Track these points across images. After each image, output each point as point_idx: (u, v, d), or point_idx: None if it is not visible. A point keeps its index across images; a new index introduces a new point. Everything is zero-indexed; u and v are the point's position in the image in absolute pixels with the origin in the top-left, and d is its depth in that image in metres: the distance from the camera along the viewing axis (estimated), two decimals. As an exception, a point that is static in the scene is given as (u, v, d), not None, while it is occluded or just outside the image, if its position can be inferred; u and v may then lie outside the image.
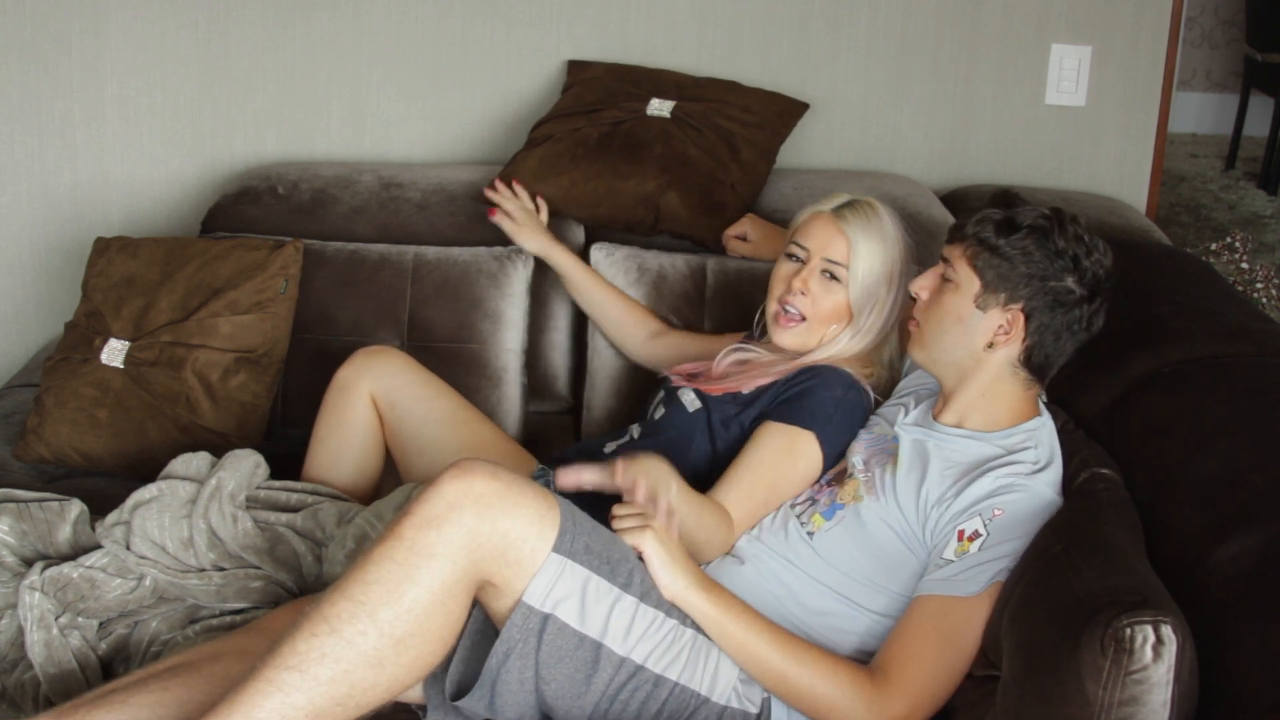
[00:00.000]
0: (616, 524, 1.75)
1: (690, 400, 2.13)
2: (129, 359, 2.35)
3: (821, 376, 2.05)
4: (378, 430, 2.24)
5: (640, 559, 1.76)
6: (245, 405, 2.34)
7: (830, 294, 2.07)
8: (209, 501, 2.02)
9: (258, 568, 2.00)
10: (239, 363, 2.35)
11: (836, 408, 2.02)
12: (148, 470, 2.33)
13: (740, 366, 2.14)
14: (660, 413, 2.17)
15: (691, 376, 2.18)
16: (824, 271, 2.07)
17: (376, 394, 2.23)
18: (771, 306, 2.12)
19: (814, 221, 2.10)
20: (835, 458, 2.02)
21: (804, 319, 2.08)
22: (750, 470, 1.99)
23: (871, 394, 2.08)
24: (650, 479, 1.77)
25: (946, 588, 1.75)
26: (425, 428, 2.22)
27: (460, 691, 1.71)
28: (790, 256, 2.11)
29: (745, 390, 2.08)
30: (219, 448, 2.20)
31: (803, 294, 2.07)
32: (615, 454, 2.15)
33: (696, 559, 1.88)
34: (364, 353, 2.26)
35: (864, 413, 2.06)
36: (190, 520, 2.00)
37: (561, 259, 2.49)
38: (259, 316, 2.37)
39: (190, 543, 1.99)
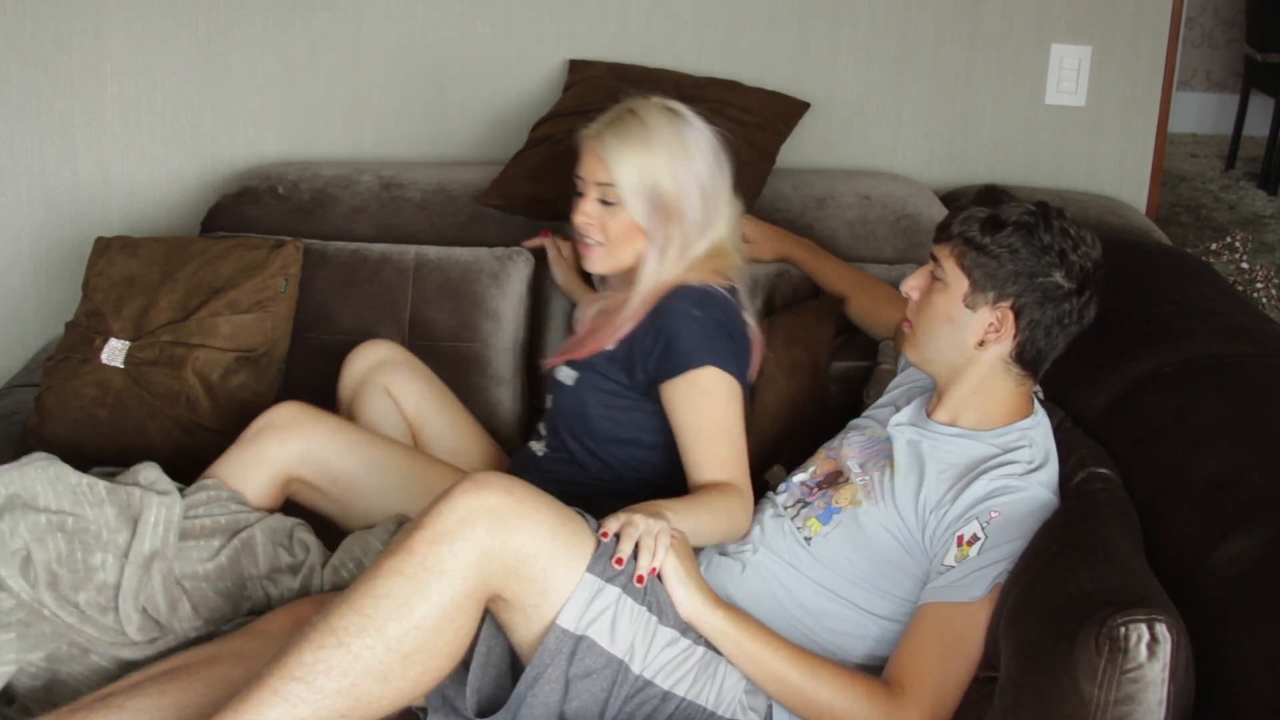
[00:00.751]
0: (639, 543, 1.72)
1: (566, 375, 2.14)
2: (129, 359, 2.35)
3: (668, 312, 2.04)
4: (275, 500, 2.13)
5: (657, 579, 1.75)
6: (246, 404, 2.34)
7: (613, 216, 2.08)
8: (138, 586, 1.91)
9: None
10: (240, 362, 2.35)
11: (703, 328, 2.02)
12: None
13: (603, 319, 2.14)
14: (549, 401, 2.19)
15: (562, 352, 2.19)
16: (598, 198, 2.09)
17: (298, 469, 2.10)
18: (577, 238, 2.15)
19: (582, 149, 2.12)
20: (743, 372, 2.05)
21: (601, 243, 2.10)
22: (698, 437, 1.99)
23: (723, 290, 2.07)
24: (641, 532, 1.73)
25: (948, 594, 1.75)
26: (376, 482, 2.13)
27: (481, 710, 1.70)
28: (577, 191, 2.13)
29: (610, 345, 2.09)
30: (219, 447, 2.19)
31: (589, 222, 2.09)
32: (545, 457, 2.18)
33: (732, 538, 1.91)
34: (289, 416, 2.10)
35: (730, 307, 2.06)
36: (118, 605, 1.90)
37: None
38: (259, 316, 2.37)
39: (111, 608, 1.90)
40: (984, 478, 1.81)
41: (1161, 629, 1.49)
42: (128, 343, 2.36)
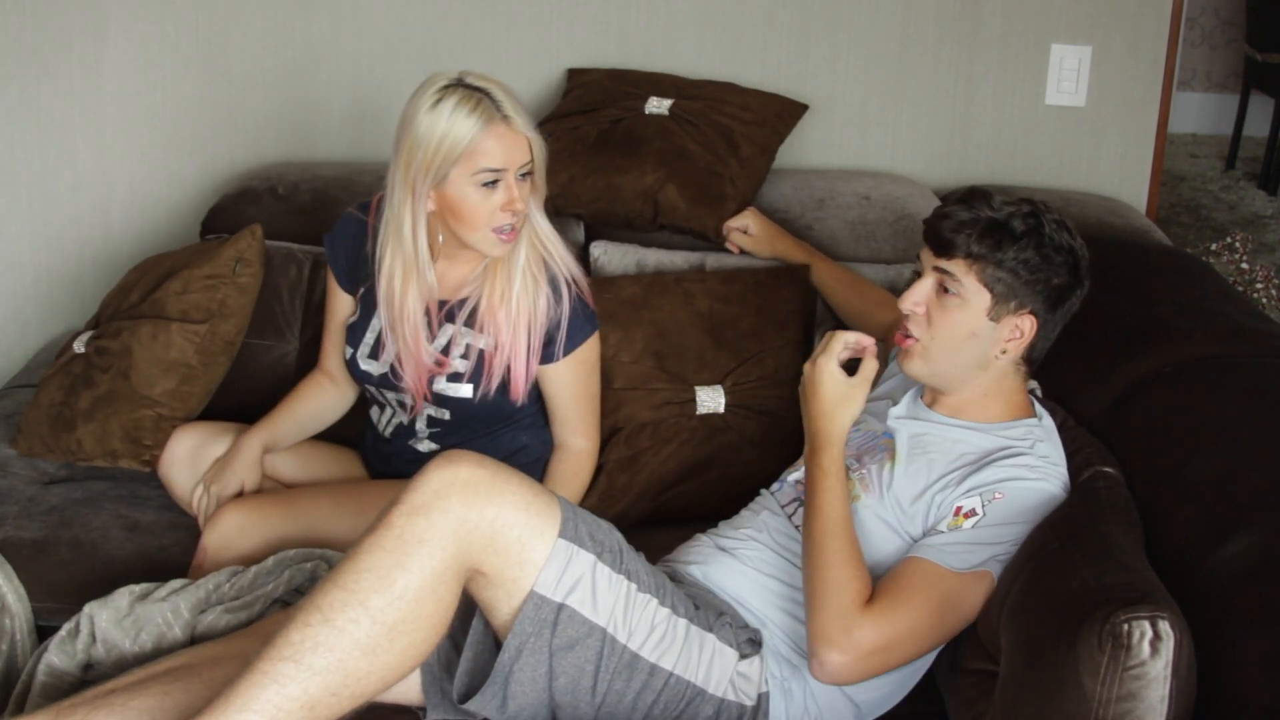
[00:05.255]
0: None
1: (454, 389, 2.14)
2: (88, 344, 2.36)
3: (560, 300, 2.13)
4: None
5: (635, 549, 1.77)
6: (183, 375, 2.30)
7: (526, 191, 2.07)
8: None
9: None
10: (180, 330, 2.31)
11: (579, 311, 2.15)
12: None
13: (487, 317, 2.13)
14: (429, 414, 2.18)
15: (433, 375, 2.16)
16: (520, 178, 2.05)
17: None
18: (479, 233, 2.05)
19: (491, 139, 2.00)
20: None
21: (516, 229, 2.08)
22: (576, 398, 2.19)
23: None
24: None
25: (935, 554, 1.77)
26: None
27: (469, 694, 1.72)
28: (489, 184, 2.02)
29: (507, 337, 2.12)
30: (152, 417, 2.23)
31: (522, 209, 2.06)
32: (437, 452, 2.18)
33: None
34: (225, 537, 2.09)
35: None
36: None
37: None
38: (206, 294, 2.33)
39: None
40: (995, 466, 1.82)
41: (1165, 626, 1.50)
42: (90, 332, 2.38)
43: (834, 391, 1.87)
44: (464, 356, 2.14)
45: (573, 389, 2.20)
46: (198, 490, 2.19)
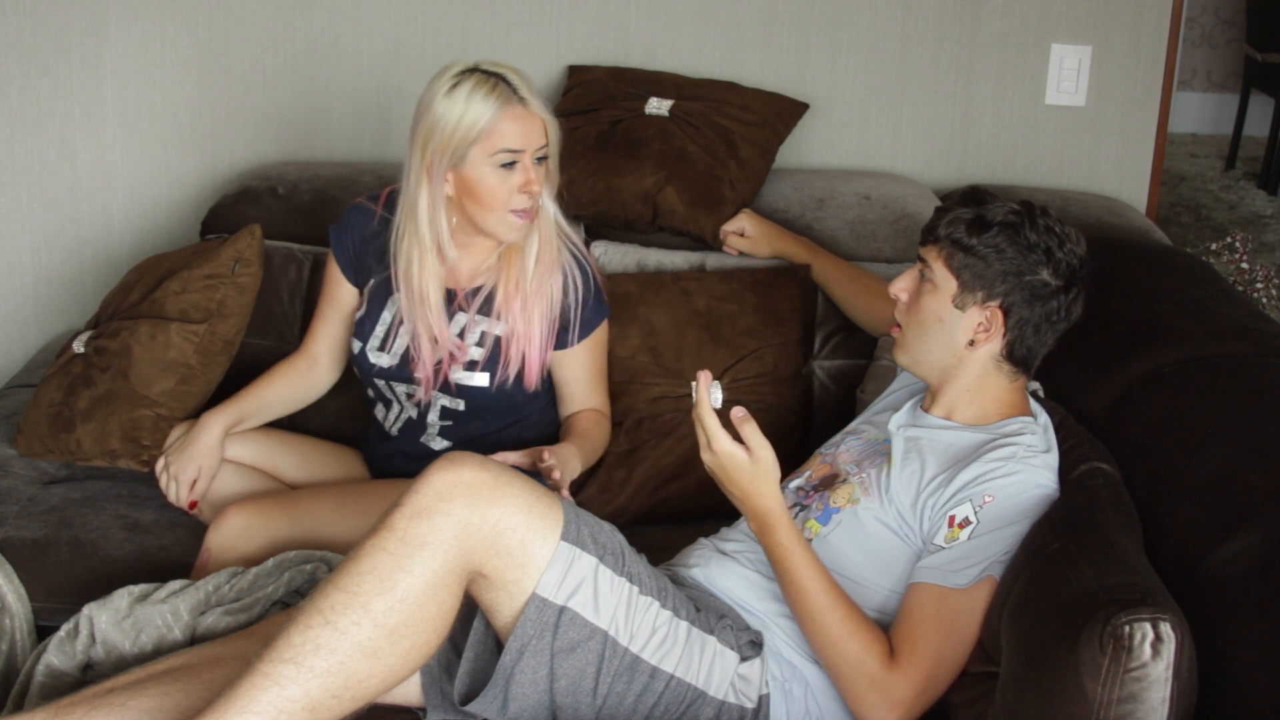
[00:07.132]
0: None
1: (468, 378, 2.16)
2: (88, 344, 2.36)
3: (574, 287, 2.17)
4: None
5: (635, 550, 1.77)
6: (181, 375, 2.30)
7: (543, 175, 2.11)
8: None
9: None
10: (180, 329, 2.31)
11: (592, 296, 2.19)
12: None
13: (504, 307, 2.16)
14: (441, 404, 2.19)
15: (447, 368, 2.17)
16: (537, 162, 2.08)
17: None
18: (496, 215, 2.08)
19: (508, 120, 2.04)
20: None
21: (531, 212, 2.10)
22: (591, 380, 2.24)
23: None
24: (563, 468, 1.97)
25: (939, 576, 1.76)
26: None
27: (470, 695, 1.71)
28: (507, 165, 2.05)
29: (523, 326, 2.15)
30: (151, 417, 2.23)
31: (538, 190, 2.09)
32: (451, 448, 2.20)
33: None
34: (230, 535, 2.08)
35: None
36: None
37: None
38: (205, 294, 2.33)
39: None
40: (980, 460, 1.82)
41: (1166, 628, 1.50)
42: (89, 332, 2.39)
43: (743, 470, 1.78)
44: (479, 344, 2.16)
45: (588, 372, 2.24)
46: (159, 465, 2.20)
